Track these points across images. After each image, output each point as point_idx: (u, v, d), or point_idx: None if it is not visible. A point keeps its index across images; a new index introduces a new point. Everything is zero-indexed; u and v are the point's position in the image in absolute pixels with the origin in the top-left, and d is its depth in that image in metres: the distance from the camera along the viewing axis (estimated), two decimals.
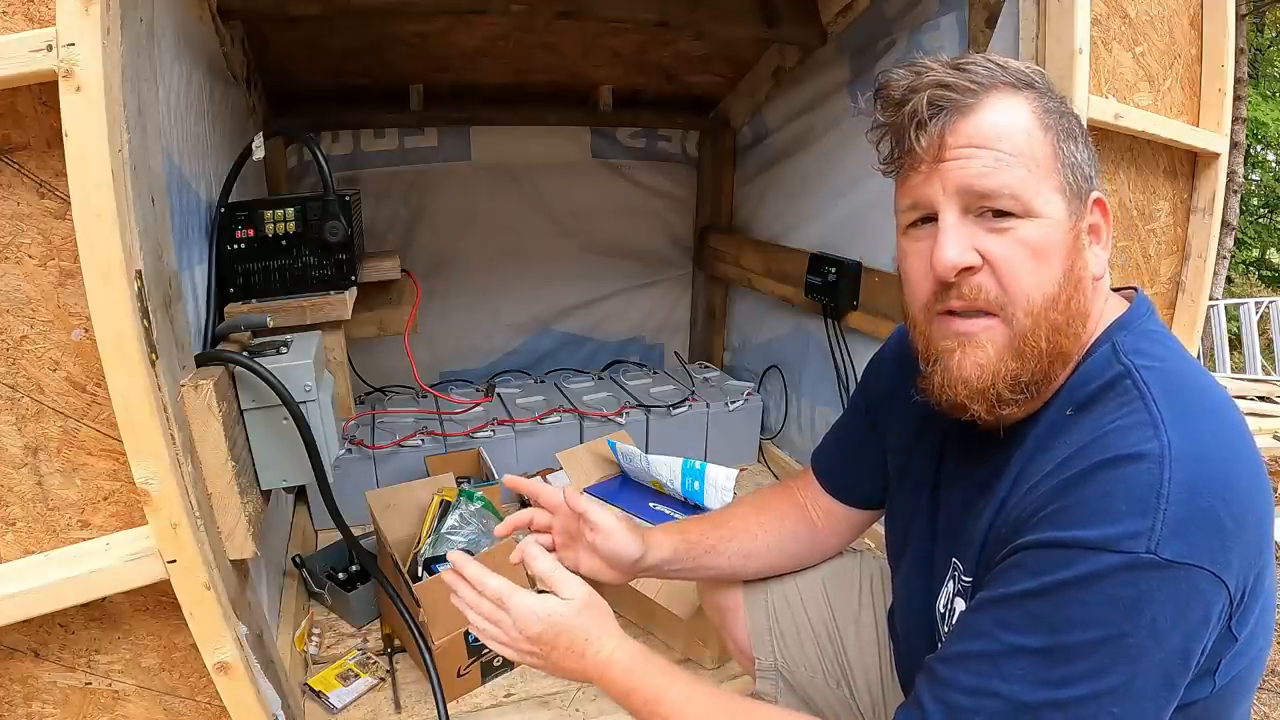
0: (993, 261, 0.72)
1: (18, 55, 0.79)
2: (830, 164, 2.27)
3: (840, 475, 1.10)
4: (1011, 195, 0.71)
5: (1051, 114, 0.74)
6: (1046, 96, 0.75)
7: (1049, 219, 0.72)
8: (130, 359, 0.87)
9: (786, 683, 1.13)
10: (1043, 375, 0.73)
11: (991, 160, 0.71)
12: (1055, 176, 0.72)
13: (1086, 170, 0.75)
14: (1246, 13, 9.08)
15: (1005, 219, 0.71)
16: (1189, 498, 0.61)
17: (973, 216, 0.72)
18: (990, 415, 0.75)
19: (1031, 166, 0.71)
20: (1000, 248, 0.71)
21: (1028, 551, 0.66)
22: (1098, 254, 0.76)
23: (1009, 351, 0.72)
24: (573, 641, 0.85)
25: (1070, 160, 0.73)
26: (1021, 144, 0.71)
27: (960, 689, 0.67)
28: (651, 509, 1.73)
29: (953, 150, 0.72)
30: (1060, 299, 0.72)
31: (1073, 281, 0.73)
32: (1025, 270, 0.71)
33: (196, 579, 0.96)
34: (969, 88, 0.72)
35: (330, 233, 1.52)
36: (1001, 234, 0.71)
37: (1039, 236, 0.71)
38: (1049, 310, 0.72)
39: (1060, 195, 0.72)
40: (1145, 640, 0.61)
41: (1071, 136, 0.74)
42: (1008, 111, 0.72)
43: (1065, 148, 0.73)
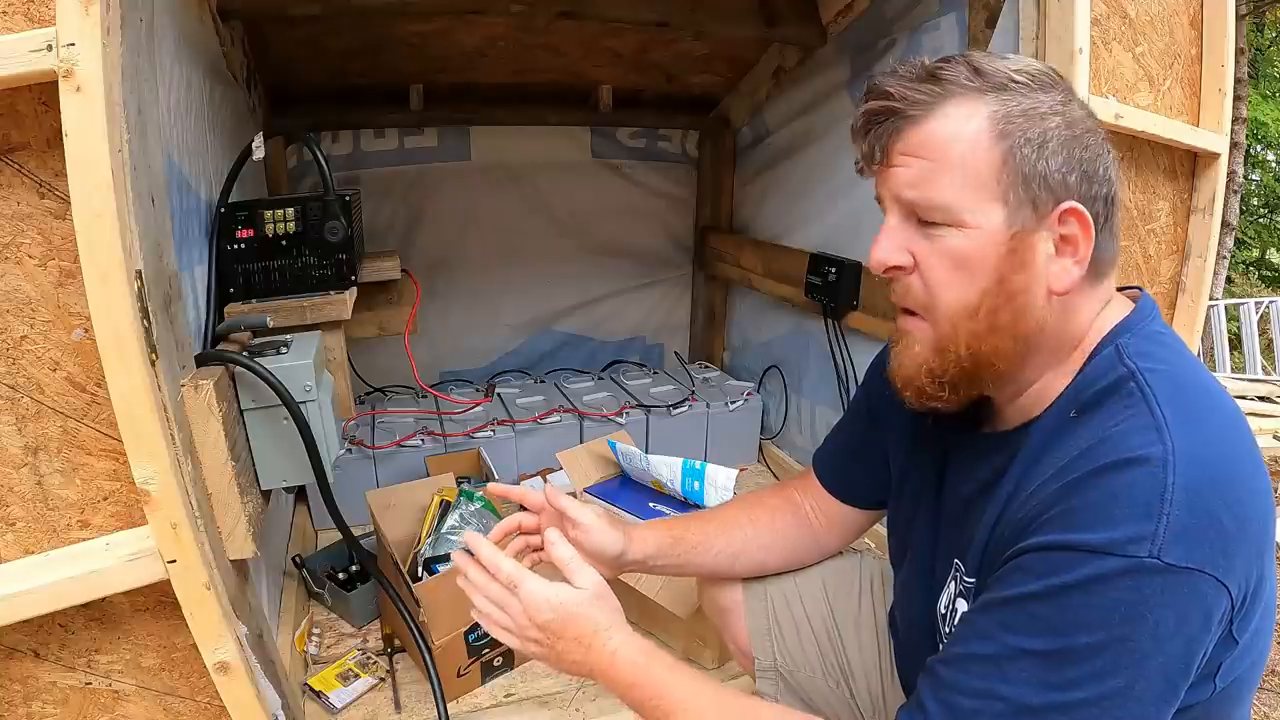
0: (919, 264, 0.75)
1: (18, 55, 0.79)
2: (830, 164, 2.27)
3: (842, 475, 1.10)
4: (932, 206, 0.73)
5: (1017, 120, 0.71)
6: (1030, 100, 0.71)
7: (978, 230, 0.71)
8: (130, 359, 0.87)
9: (786, 683, 1.13)
10: (967, 378, 0.76)
11: (921, 170, 0.72)
12: (994, 187, 0.71)
13: (1058, 179, 0.71)
14: (1246, 13, 9.08)
15: (935, 227, 0.73)
16: (1192, 502, 0.61)
17: (914, 220, 0.75)
18: (919, 404, 0.80)
19: (962, 177, 0.71)
20: (925, 254, 0.75)
21: (1031, 554, 0.66)
22: (1066, 268, 0.73)
23: (932, 350, 0.77)
24: (580, 632, 0.85)
25: (1028, 170, 0.70)
26: (956, 154, 0.71)
27: (963, 691, 0.67)
28: (651, 509, 1.73)
29: (895, 157, 0.74)
30: (980, 310, 0.73)
31: (1004, 295, 0.72)
32: (945, 278, 0.74)
33: (196, 579, 0.96)
34: (921, 99, 0.72)
35: (330, 233, 1.52)
36: (930, 240, 0.74)
37: (964, 247, 0.72)
38: (966, 319, 0.74)
39: (999, 206, 0.71)
40: (1147, 644, 0.61)
41: (1043, 144, 0.71)
42: (953, 121, 0.71)
43: (1024, 156, 0.70)
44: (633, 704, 0.84)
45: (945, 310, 0.75)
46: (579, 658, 0.85)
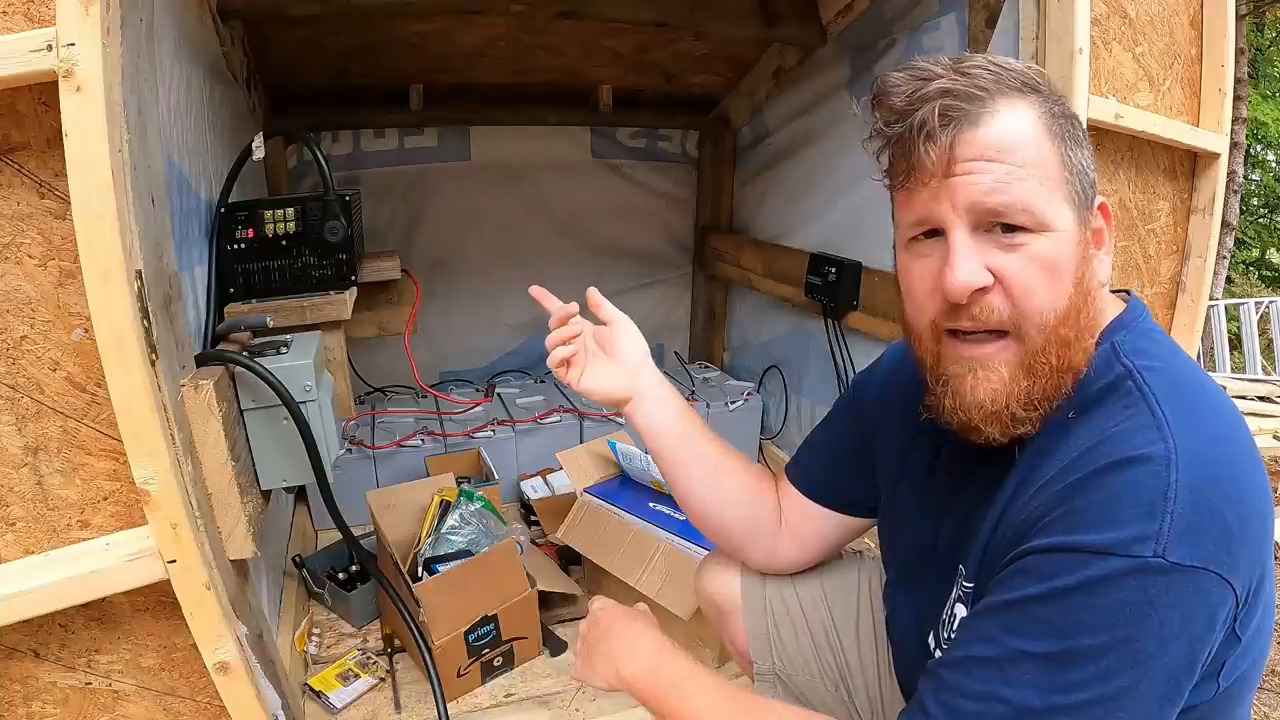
0: (1005, 280, 0.70)
1: (18, 55, 0.79)
2: (830, 164, 2.27)
3: (821, 477, 1.07)
4: (1025, 210, 0.68)
5: (1057, 119, 0.72)
6: (1051, 101, 0.73)
7: (1061, 231, 0.70)
8: (130, 359, 0.87)
9: (785, 686, 1.13)
10: (1054, 390, 0.72)
11: (1003, 174, 0.68)
12: (1065, 186, 0.71)
13: (1090, 176, 0.73)
14: (1246, 13, 9.08)
15: (1017, 234, 0.69)
16: (1196, 500, 0.61)
17: (983, 232, 0.70)
18: (1004, 436, 0.73)
19: (1042, 178, 0.69)
20: (1013, 265, 0.69)
21: (1034, 556, 0.66)
22: (1103, 260, 0.75)
23: (1021, 371, 0.71)
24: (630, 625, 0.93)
25: (1076, 167, 0.72)
26: (1032, 154, 0.69)
27: (965, 694, 0.67)
28: (651, 509, 1.73)
29: (962, 164, 0.69)
30: (1071, 313, 0.70)
31: (1083, 293, 0.72)
32: (1039, 287, 0.69)
33: (196, 579, 0.96)
34: (976, 95, 0.69)
35: (330, 233, 1.52)
36: (1014, 250, 0.69)
37: (1052, 251, 0.69)
38: (1060, 326, 0.70)
39: (1070, 205, 0.71)
40: (1152, 644, 0.61)
41: (1076, 142, 0.72)
42: (1016, 120, 0.70)
43: (1072, 154, 0.71)
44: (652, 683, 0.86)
45: (1039, 322, 0.70)
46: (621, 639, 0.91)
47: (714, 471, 1.07)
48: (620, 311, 1.08)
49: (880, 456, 1.00)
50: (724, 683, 0.85)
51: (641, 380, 1.05)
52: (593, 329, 1.08)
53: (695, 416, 1.09)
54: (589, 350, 1.05)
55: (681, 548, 1.61)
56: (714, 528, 1.11)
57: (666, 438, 1.05)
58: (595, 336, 1.07)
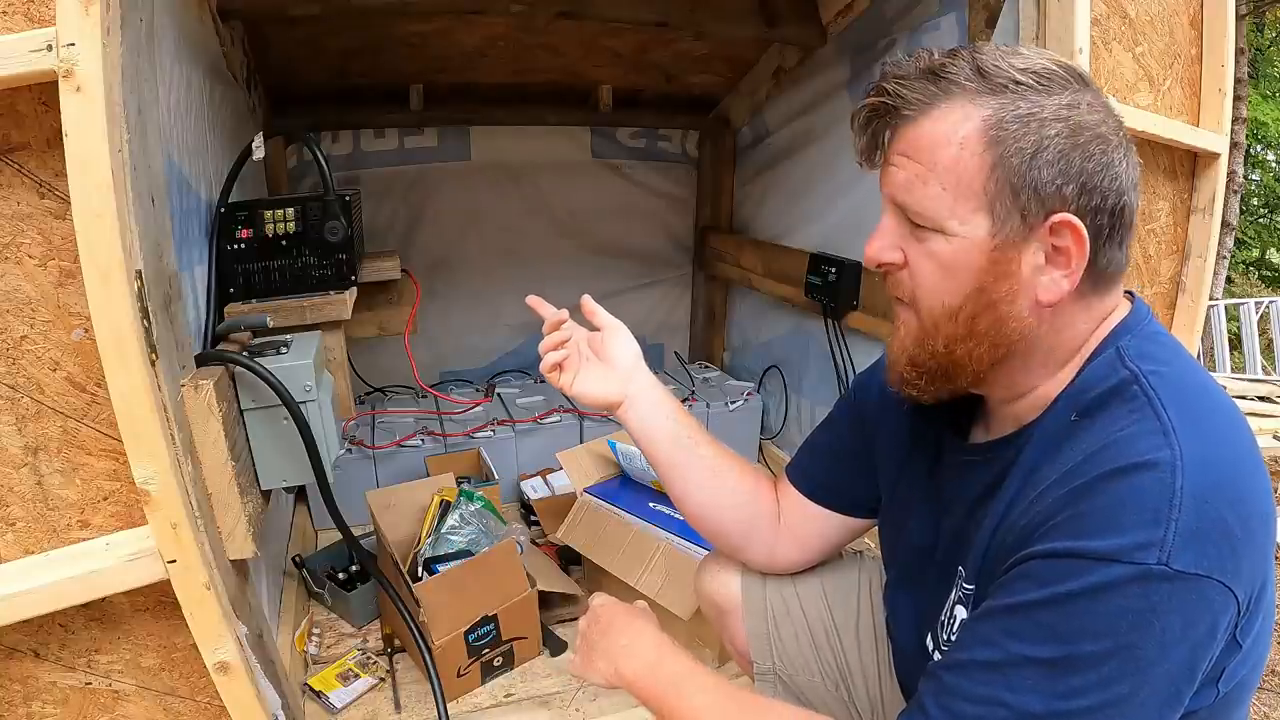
0: (908, 263, 0.76)
1: (18, 55, 0.79)
2: (830, 164, 2.27)
3: (821, 478, 1.07)
4: (919, 211, 0.73)
5: (1011, 125, 0.68)
6: (1025, 103, 0.69)
7: (962, 239, 0.71)
8: (130, 359, 0.87)
9: (785, 686, 1.13)
10: (942, 373, 0.78)
11: (913, 173, 0.72)
12: (980, 196, 0.70)
13: (1051, 189, 0.68)
14: (1246, 13, 9.08)
15: (922, 229, 0.74)
16: (1201, 507, 0.61)
17: (907, 220, 0.75)
18: (899, 389, 0.82)
19: (950, 184, 0.70)
20: (913, 254, 0.76)
21: (1037, 561, 0.65)
22: (1056, 280, 0.71)
23: (914, 340, 0.78)
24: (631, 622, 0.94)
25: (1016, 180, 0.68)
26: (945, 159, 0.70)
27: (966, 697, 0.67)
28: (651, 509, 1.73)
29: (892, 156, 0.75)
30: (960, 314, 0.74)
31: (984, 303, 0.72)
32: (928, 280, 0.75)
33: (196, 579, 0.96)
34: (917, 99, 0.71)
35: (330, 233, 1.52)
36: (919, 241, 0.75)
37: (946, 253, 0.73)
38: (946, 321, 0.75)
39: (984, 215, 0.70)
40: (1154, 651, 0.61)
41: (1036, 152, 0.68)
42: (946, 124, 0.70)
43: (1013, 165, 0.68)
44: (651, 683, 0.87)
45: (927, 308, 0.76)
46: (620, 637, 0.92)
47: (710, 474, 1.07)
48: (613, 317, 1.09)
49: (881, 457, 1.00)
50: (724, 682, 0.85)
51: (634, 384, 1.05)
52: (586, 334, 1.08)
53: (690, 419, 1.09)
54: (582, 355, 1.06)
55: (681, 548, 1.61)
56: (712, 530, 1.10)
57: (661, 441, 1.06)
58: (589, 342, 1.08)
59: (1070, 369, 0.76)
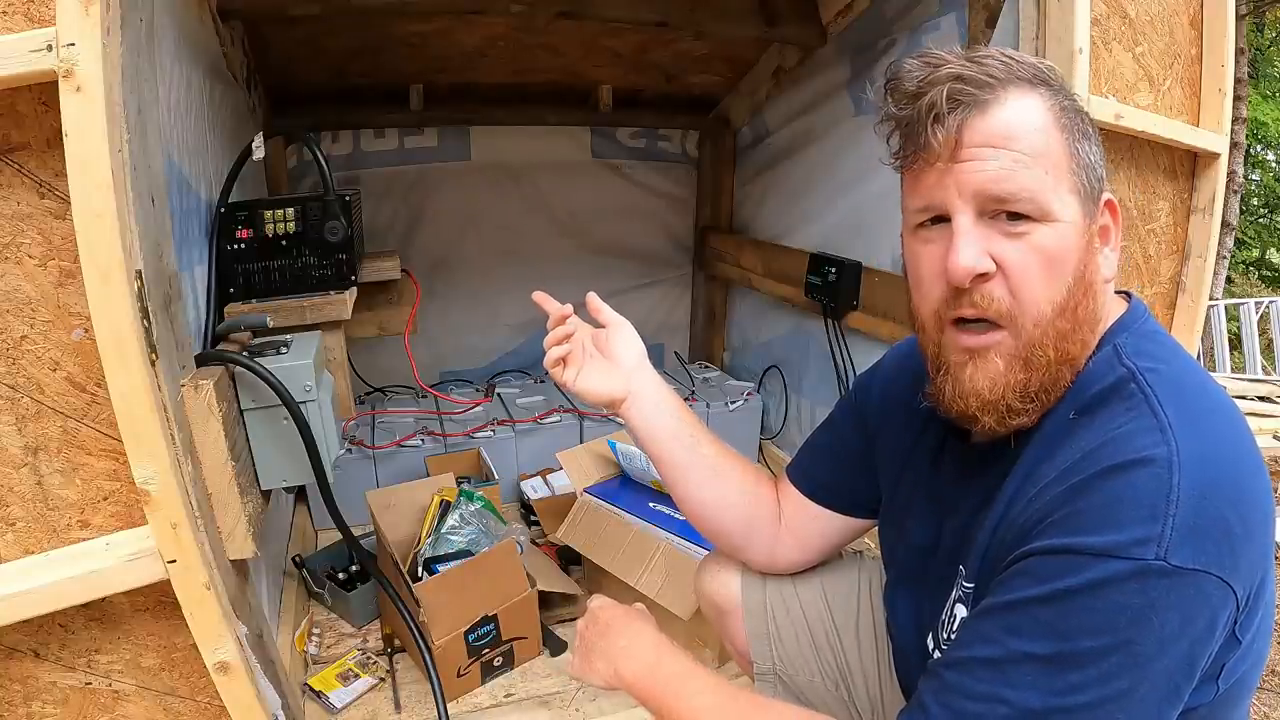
0: (1006, 268, 0.70)
1: (18, 55, 0.79)
2: (830, 164, 2.27)
3: (822, 478, 1.07)
4: (1029, 198, 0.69)
5: (1067, 112, 0.72)
6: (1061, 94, 0.73)
7: (1065, 223, 0.70)
8: (130, 359, 0.87)
9: (785, 686, 1.13)
10: (1051, 383, 0.73)
11: (1010, 162, 0.69)
12: (1071, 178, 0.71)
13: (1099, 171, 0.73)
14: (1246, 13, 9.08)
15: (1021, 222, 0.70)
16: (1198, 503, 0.61)
17: (987, 219, 0.71)
18: (1001, 426, 0.74)
19: (1049, 168, 0.70)
20: (1015, 254, 0.70)
21: (1035, 558, 0.66)
22: (1108, 256, 0.75)
23: (1017, 363, 0.72)
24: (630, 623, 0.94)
25: (1084, 161, 0.72)
26: (1039, 144, 0.70)
27: (966, 694, 0.67)
28: (651, 509, 1.73)
29: (969, 149, 0.69)
30: (1069, 306, 0.71)
31: (1083, 286, 0.72)
32: (1038, 278, 0.70)
33: (196, 579, 0.96)
34: (987, 82, 0.70)
35: (330, 233, 1.52)
36: (1017, 239, 0.70)
37: (1055, 241, 0.70)
38: (1057, 319, 0.71)
39: (1076, 197, 0.71)
40: (1152, 647, 0.61)
41: (1085, 136, 0.73)
42: (1025, 109, 0.70)
43: (1080, 148, 0.72)
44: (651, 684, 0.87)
45: (1036, 313, 0.71)
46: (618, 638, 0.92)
47: (712, 472, 1.06)
48: (618, 315, 1.09)
49: (882, 457, 1.00)
50: (723, 682, 0.85)
51: (636, 381, 1.05)
52: (591, 331, 1.08)
53: (693, 418, 1.09)
54: (586, 351, 1.06)
55: (681, 548, 1.61)
56: (713, 529, 1.10)
57: (663, 439, 1.05)
58: (593, 339, 1.08)
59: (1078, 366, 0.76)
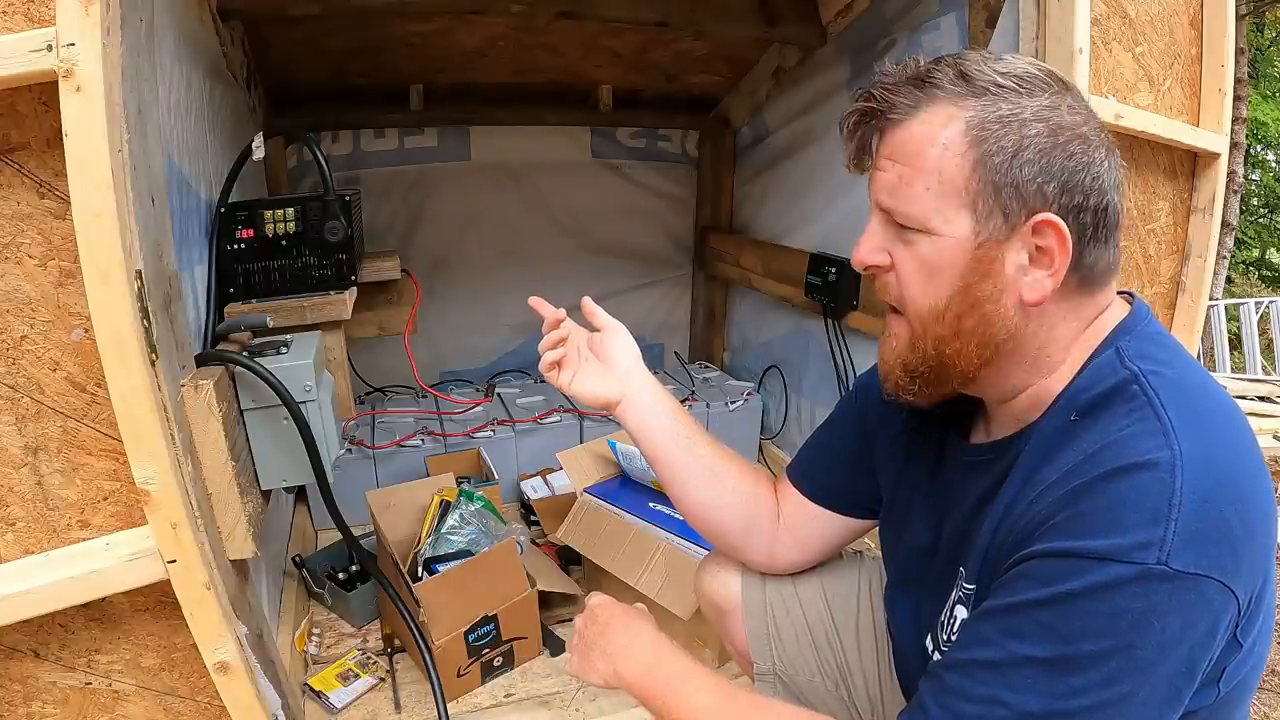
0: (895, 266, 0.77)
1: (18, 55, 0.79)
2: (830, 164, 2.27)
3: (822, 479, 1.07)
4: (905, 212, 0.74)
5: (993, 126, 0.69)
6: (1006, 105, 0.70)
7: (946, 238, 0.72)
8: (130, 359, 0.87)
9: (785, 686, 1.13)
10: (935, 376, 0.79)
11: (895, 175, 0.74)
12: (964, 195, 0.71)
13: (1033, 188, 0.69)
14: (1246, 13, 9.08)
15: (908, 231, 0.75)
16: (1201, 507, 0.61)
17: (893, 223, 0.76)
18: (895, 395, 0.83)
19: (933, 184, 0.71)
20: (899, 256, 0.77)
21: (1036, 560, 0.65)
22: (1039, 279, 0.71)
23: (907, 345, 0.79)
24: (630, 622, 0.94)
25: (999, 179, 0.69)
26: (930, 160, 0.71)
27: (966, 697, 0.67)
28: (651, 509, 1.73)
29: (878, 160, 0.76)
30: (947, 315, 0.74)
31: (968, 302, 0.73)
32: (914, 281, 0.76)
33: (196, 579, 0.96)
34: (902, 103, 0.73)
35: (330, 233, 1.52)
36: (906, 244, 0.76)
37: (931, 253, 0.74)
38: (934, 323, 0.76)
39: (968, 214, 0.71)
40: (1153, 652, 0.61)
41: (1017, 152, 0.69)
42: (931, 126, 0.71)
43: (995, 164, 0.69)
44: (649, 684, 0.87)
45: (915, 311, 0.77)
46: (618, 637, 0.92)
47: (709, 473, 1.07)
48: (613, 318, 1.10)
49: (882, 458, 1.00)
50: (723, 681, 0.85)
51: (631, 384, 1.06)
52: (585, 334, 1.10)
53: (689, 418, 1.09)
54: (581, 355, 1.07)
55: (681, 548, 1.61)
56: (712, 530, 1.10)
57: (659, 440, 1.06)
58: (588, 342, 1.09)
59: (1069, 369, 0.75)
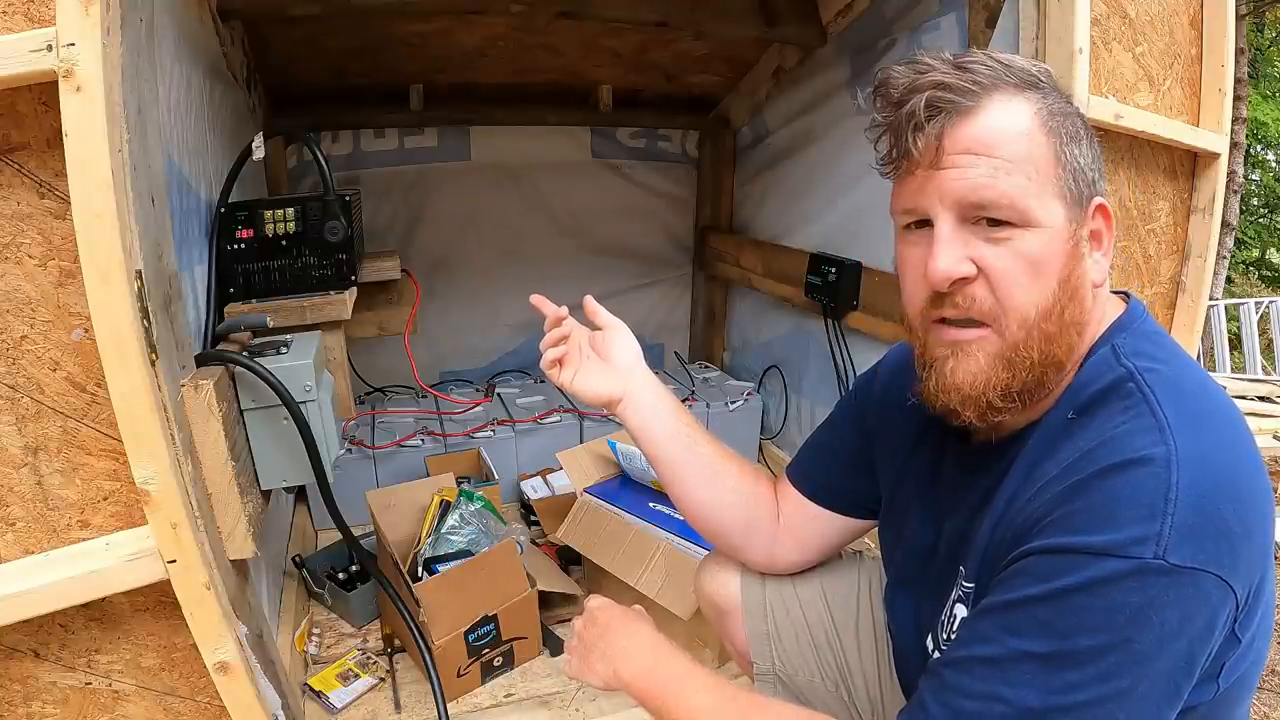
0: (988, 272, 0.71)
1: (18, 55, 0.79)
2: (830, 164, 2.27)
3: (822, 479, 1.07)
4: (1009, 205, 0.69)
5: (1056, 116, 0.72)
6: (1051, 97, 0.73)
7: (1048, 228, 0.70)
8: (130, 359, 0.87)
9: (785, 686, 1.13)
10: (1035, 384, 0.73)
11: (989, 168, 0.69)
12: (1056, 183, 0.71)
13: (1089, 174, 0.73)
14: (1246, 13, 9.08)
15: (1002, 228, 0.70)
16: (1197, 502, 0.61)
17: (969, 224, 0.71)
18: (982, 421, 0.75)
19: (1031, 174, 0.70)
20: (996, 259, 0.71)
21: (1034, 557, 0.66)
22: (1099, 261, 0.74)
23: (1000, 362, 0.72)
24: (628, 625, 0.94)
25: (1073, 165, 0.72)
26: (1021, 150, 0.70)
27: (966, 693, 0.67)
28: (651, 509, 1.73)
29: (950, 156, 0.70)
30: (1054, 310, 0.71)
31: (1069, 291, 0.72)
32: (1021, 282, 0.71)
33: (196, 579, 0.96)
34: (969, 89, 0.70)
35: (330, 233, 1.52)
36: (998, 244, 0.71)
37: (1037, 247, 0.70)
38: (1042, 321, 0.71)
39: (1060, 202, 0.71)
40: (1151, 646, 0.61)
41: (1076, 139, 0.72)
42: (1008, 114, 0.70)
43: (1068, 152, 0.71)
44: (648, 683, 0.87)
45: (1020, 316, 0.71)
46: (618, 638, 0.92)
47: (709, 472, 1.07)
48: (614, 317, 1.10)
49: (882, 458, 1.00)
50: (722, 682, 0.85)
51: (632, 382, 1.06)
52: (587, 333, 1.09)
53: (690, 417, 1.09)
54: (583, 353, 1.07)
55: (681, 548, 1.61)
56: (711, 529, 1.10)
57: (660, 439, 1.06)
58: (590, 340, 1.09)
59: (1071, 365, 0.76)
